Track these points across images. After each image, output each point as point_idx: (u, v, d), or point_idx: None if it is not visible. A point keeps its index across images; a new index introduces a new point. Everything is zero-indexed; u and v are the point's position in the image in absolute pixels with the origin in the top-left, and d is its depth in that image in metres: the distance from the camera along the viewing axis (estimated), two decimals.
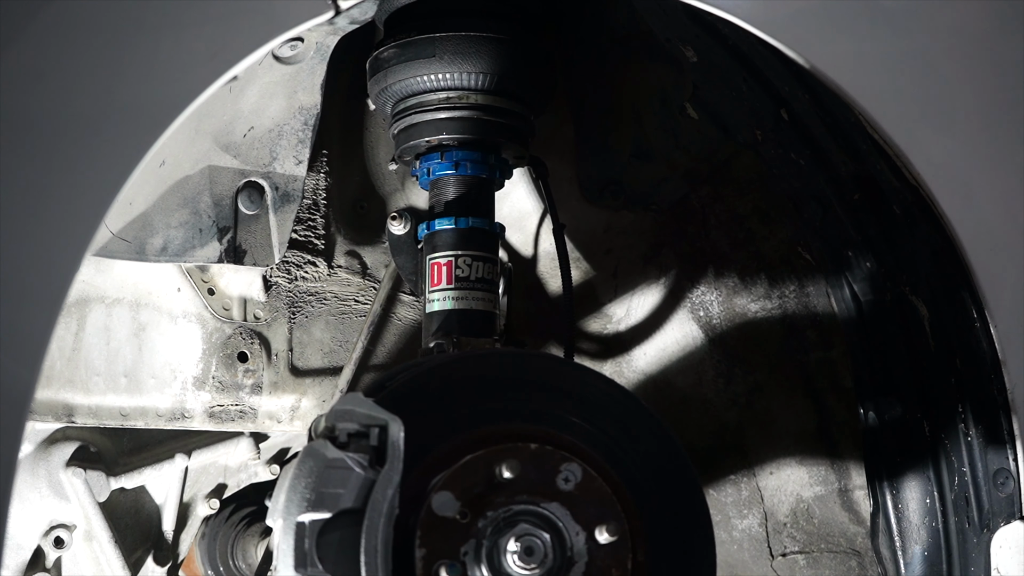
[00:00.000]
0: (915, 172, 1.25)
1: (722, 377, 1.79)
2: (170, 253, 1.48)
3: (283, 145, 1.52)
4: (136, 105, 1.12)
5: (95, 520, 1.64)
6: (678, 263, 1.77)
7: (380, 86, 1.53)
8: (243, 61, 1.15)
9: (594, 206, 1.75)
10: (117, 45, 1.11)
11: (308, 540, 1.14)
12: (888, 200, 1.50)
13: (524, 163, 1.62)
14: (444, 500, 1.21)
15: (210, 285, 1.64)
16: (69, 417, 1.59)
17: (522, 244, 1.77)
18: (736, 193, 1.74)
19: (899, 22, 1.25)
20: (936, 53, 1.25)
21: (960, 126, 1.27)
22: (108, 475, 1.65)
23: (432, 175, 1.53)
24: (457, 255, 1.50)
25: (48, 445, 1.64)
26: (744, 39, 1.49)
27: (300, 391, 1.67)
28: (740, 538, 1.82)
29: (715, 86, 1.64)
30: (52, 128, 1.08)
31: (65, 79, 1.09)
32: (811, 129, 1.57)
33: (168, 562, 1.73)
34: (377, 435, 1.18)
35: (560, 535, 1.23)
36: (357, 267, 1.71)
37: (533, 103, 1.55)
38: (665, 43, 1.63)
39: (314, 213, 1.67)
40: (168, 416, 1.62)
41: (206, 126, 1.47)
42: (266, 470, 1.75)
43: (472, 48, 1.48)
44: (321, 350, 1.69)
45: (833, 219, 1.63)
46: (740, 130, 1.68)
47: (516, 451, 1.24)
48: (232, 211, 1.52)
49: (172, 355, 1.62)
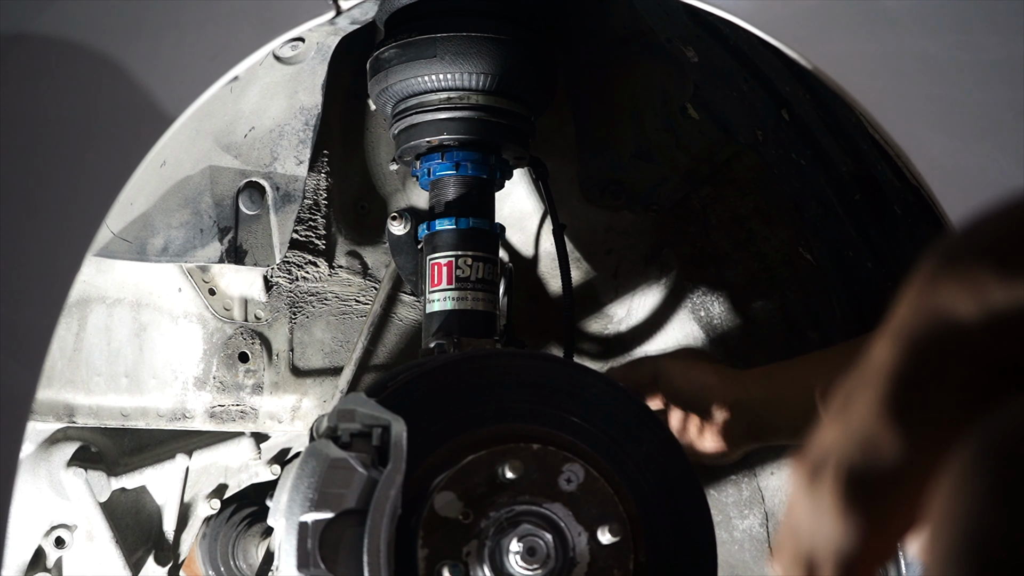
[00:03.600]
0: (916, 172, 1.25)
1: None
2: (171, 253, 1.48)
3: (284, 145, 1.52)
4: (137, 105, 1.12)
5: (96, 520, 1.64)
6: (679, 263, 1.77)
7: (381, 86, 1.53)
8: (244, 61, 1.15)
9: (595, 206, 1.75)
10: (117, 45, 1.11)
11: (311, 540, 1.14)
12: (889, 200, 1.50)
13: (525, 163, 1.62)
14: (446, 500, 1.21)
15: (211, 285, 1.64)
16: (70, 417, 1.59)
17: (523, 244, 1.77)
18: (737, 193, 1.74)
19: (900, 22, 1.25)
20: (936, 53, 1.25)
21: (961, 126, 1.27)
22: (109, 475, 1.65)
23: (432, 175, 1.53)
24: (457, 255, 1.50)
25: (49, 445, 1.64)
26: (745, 39, 1.49)
27: (301, 391, 1.67)
28: (741, 538, 1.82)
29: (716, 86, 1.64)
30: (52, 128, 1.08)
31: (65, 79, 1.09)
32: (812, 129, 1.57)
33: (169, 562, 1.73)
34: (379, 435, 1.18)
35: (562, 536, 1.23)
36: (358, 267, 1.71)
37: (534, 104, 1.55)
38: (666, 43, 1.63)
39: (315, 213, 1.67)
40: (169, 416, 1.62)
41: (207, 126, 1.47)
42: (267, 470, 1.75)
43: (473, 49, 1.48)
44: (322, 350, 1.69)
45: (834, 219, 1.63)
46: (741, 130, 1.68)
47: (518, 451, 1.24)
48: (233, 211, 1.52)
49: (173, 355, 1.62)
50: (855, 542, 0.63)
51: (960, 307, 0.59)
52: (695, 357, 1.50)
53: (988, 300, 0.58)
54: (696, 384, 1.43)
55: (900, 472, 0.61)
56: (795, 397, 1.36)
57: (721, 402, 1.41)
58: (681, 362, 1.47)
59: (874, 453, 0.62)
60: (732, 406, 1.40)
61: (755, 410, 1.39)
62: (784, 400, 1.37)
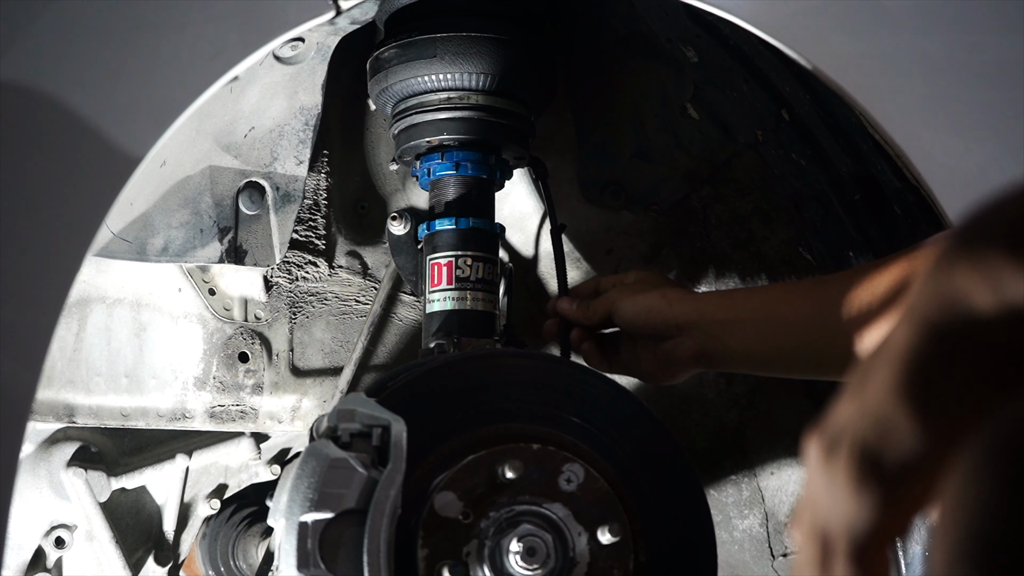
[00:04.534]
0: (916, 172, 1.25)
1: (723, 378, 1.79)
2: (171, 253, 1.48)
3: (284, 145, 1.52)
4: (137, 105, 1.12)
5: (96, 520, 1.64)
6: (679, 263, 1.77)
7: (381, 86, 1.53)
8: (244, 61, 1.14)
9: (594, 206, 1.75)
10: (117, 45, 1.11)
11: (311, 540, 1.14)
12: (889, 200, 1.50)
13: (524, 163, 1.62)
14: (446, 500, 1.21)
15: (211, 285, 1.64)
16: (70, 417, 1.59)
17: (523, 244, 1.77)
18: (737, 193, 1.74)
19: (899, 22, 1.25)
20: (936, 53, 1.25)
21: (961, 126, 1.27)
22: (109, 475, 1.65)
23: (432, 175, 1.53)
24: (457, 255, 1.50)
25: (49, 445, 1.64)
26: (745, 39, 1.49)
27: (301, 391, 1.67)
28: (741, 538, 1.82)
29: (716, 86, 1.64)
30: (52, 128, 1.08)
31: (65, 79, 1.09)
32: (812, 129, 1.57)
33: (169, 562, 1.73)
34: (379, 435, 1.18)
35: (562, 536, 1.23)
36: (358, 267, 1.71)
37: (534, 104, 1.55)
38: (666, 43, 1.63)
39: (315, 213, 1.67)
40: (169, 416, 1.62)
41: (207, 126, 1.47)
42: (267, 470, 1.75)
43: (473, 49, 1.48)
44: (322, 350, 1.69)
45: (834, 219, 1.63)
46: (741, 130, 1.68)
47: (518, 451, 1.24)
48: (233, 211, 1.52)
49: (173, 355, 1.62)
50: (869, 520, 0.64)
51: (975, 295, 0.59)
52: (648, 282, 1.46)
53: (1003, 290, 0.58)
54: (643, 309, 1.40)
55: (914, 454, 0.62)
56: (753, 322, 1.33)
57: (670, 324, 1.38)
58: (630, 292, 1.44)
59: (889, 434, 0.62)
60: (680, 327, 1.37)
61: (706, 331, 1.36)
62: (741, 323, 1.33)
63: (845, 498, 0.64)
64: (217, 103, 1.44)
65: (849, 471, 0.64)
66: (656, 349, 1.40)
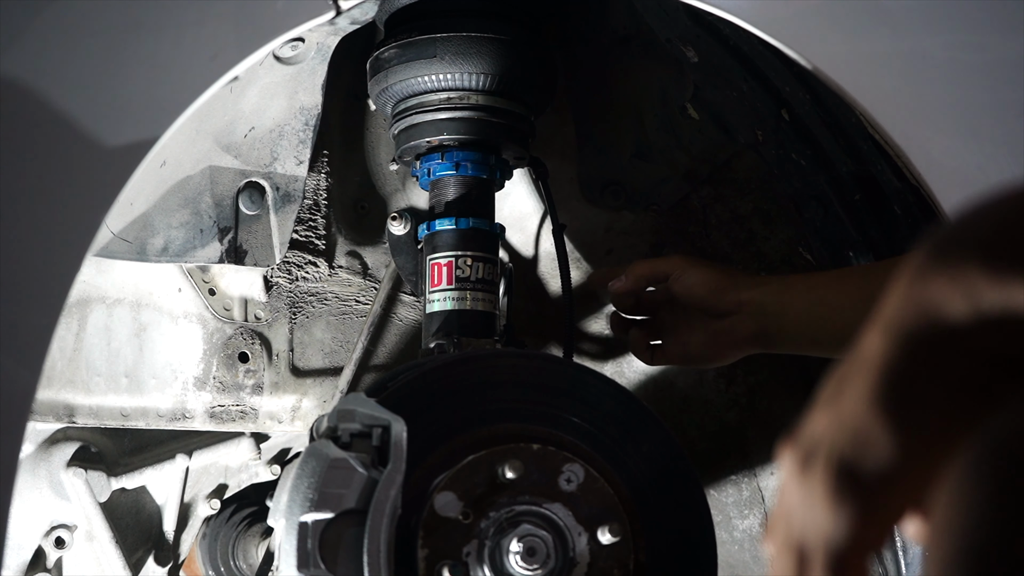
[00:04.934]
0: (916, 172, 1.25)
1: (723, 378, 1.79)
2: (171, 253, 1.48)
3: (284, 145, 1.52)
4: (137, 105, 1.12)
5: (96, 520, 1.64)
6: None
7: (381, 86, 1.53)
8: (244, 61, 1.14)
9: (594, 206, 1.75)
10: (117, 45, 1.11)
11: (311, 540, 1.14)
12: (889, 200, 1.50)
13: (524, 164, 1.62)
14: (446, 500, 1.21)
15: (211, 285, 1.64)
16: (70, 417, 1.59)
17: (523, 245, 1.77)
18: (737, 193, 1.74)
19: (899, 22, 1.25)
20: (936, 53, 1.25)
21: (961, 126, 1.26)
22: (109, 475, 1.65)
23: (432, 175, 1.53)
24: (457, 255, 1.50)
25: (49, 445, 1.64)
26: (745, 39, 1.49)
27: (301, 391, 1.67)
28: (741, 538, 1.82)
29: (716, 86, 1.64)
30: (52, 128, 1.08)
31: (65, 79, 1.09)
32: (812, 129, 1.57)
33: (169, 562, 1.73)
34: (379, 435, 1.18)
35: (562, 536, 1.23)
36: (358, 267, 1.71)
37: (534, 104, 1.55)
38: (666, 43, 1.63)
39: (315, 213, 1.67)
40: (169, 416, 1.62)
41: (207, 126, 1.47)
42: (267, 470, 1.75)
43: (473, 49, 1.48)
44: (322, 350, 1.69)
45: (834, 219, 1.63)
46: (741, 130, 1.68)
47: (518, 451, 1.24)
48: (233, 211, 1.52)
49: (173, 355, 1.62)
50: (846, 533, 0.63)
51: (950, 305, 0.59)
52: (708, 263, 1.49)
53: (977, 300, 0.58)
54: (709, 280, 1.42)
55: (891, 466, 0.61)
56: (808, 305, 1.36)
57: (733, 300, 1.40)
58: (697, 261, 1.47)
59: (865, 446, 0.62)
60: (743, 304, 1.40)
61: (768, 312, 1.39)
62: (796, 306, 1.37)
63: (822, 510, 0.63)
64: (217, 103, 1.44)
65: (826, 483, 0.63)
66: (710, 328, 1.41)
